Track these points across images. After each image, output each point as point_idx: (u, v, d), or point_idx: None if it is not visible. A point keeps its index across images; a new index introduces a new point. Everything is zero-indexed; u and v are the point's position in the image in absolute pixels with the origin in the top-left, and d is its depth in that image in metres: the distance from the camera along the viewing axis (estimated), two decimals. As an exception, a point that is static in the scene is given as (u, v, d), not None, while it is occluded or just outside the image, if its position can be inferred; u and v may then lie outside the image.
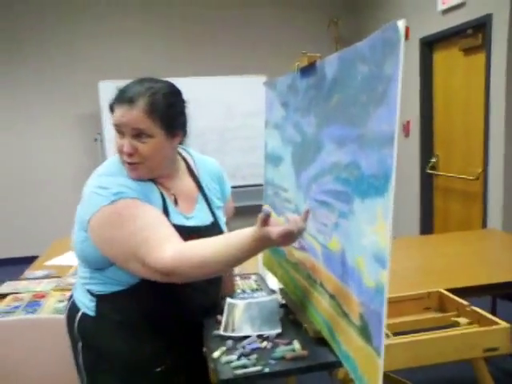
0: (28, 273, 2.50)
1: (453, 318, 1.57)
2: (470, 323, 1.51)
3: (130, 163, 1.26)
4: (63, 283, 2.31)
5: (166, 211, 1.30)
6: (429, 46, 4.42)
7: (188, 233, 1.25)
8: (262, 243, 1.08)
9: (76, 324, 1.38)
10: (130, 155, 1.24)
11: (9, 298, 2.16)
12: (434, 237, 3.85)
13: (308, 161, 1.36)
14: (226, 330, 1.38)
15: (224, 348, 1.28)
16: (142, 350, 1.34)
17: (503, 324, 1.43)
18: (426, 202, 4.63)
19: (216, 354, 1.25)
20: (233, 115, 5.36)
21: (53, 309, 2.01)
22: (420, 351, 1.36)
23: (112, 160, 1.35)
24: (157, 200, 1.30)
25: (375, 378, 0.88)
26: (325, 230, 1.21)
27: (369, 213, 0.94)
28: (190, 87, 1.39)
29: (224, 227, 1.46)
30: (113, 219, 1.19)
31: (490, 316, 1.49)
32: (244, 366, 1.18)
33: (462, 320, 1.53)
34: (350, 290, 1.04)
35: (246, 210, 4.10)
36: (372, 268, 0.92)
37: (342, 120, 1.12)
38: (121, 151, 1.26)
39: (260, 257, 2.28)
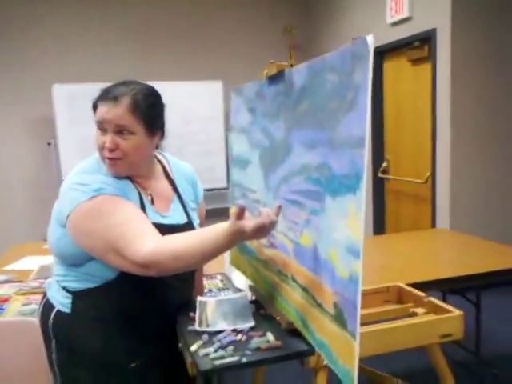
0: (-13, 278, 2.46)
1: (411, 309, 1.69)
2: (426, 313, 1.64)
3: (110, 159, 1.30)
4: (26, 287, 2.29)
5: (143, 209, 1.34)
6: (379, 56, 4.63)
7: (163, 231, 1.29)
8: (236, 237, 1.13)
9: (50, 322, 1.40)
10: (112, 151, 1.29)
11: (-30, 304, 2.12)
12: (387, 236, 4.04)
13: (277, 163, 1.44)
14: (200, 325, 1.43)
15: (201, 342, 1.33)
16: (116, 346, 1.38)
17: (456, 312, 1.56)
18: (378, 205, 4.83)
19: (193, 348, 1.30)
20: (190, 120, 5.38)
21: (17, 312, 1.99)
22: (383, 340, 1.47)
23: (91, 159, 1.39)
24: (134, 198, 1.34)
25: (351, 359, 0.97)
26: (295, 227, 1.30)
27: (340, 209, 1.03)
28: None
29: (197, 228, 1.52)
30: (93, 214, 1.24)
31: (444, 305, 1.62)
32: (222, 357, 1.24)
33: (419, 310, 1.66)
34: (322, 281, 1.12)
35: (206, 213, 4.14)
36: (345, 259, 1.00)
37: (311, 125, 1.21)
38: (102, 147, 1.30)
39: (226, 256, 2.35)
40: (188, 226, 1.43)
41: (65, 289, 1.38)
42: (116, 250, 1.21)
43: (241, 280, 2.20)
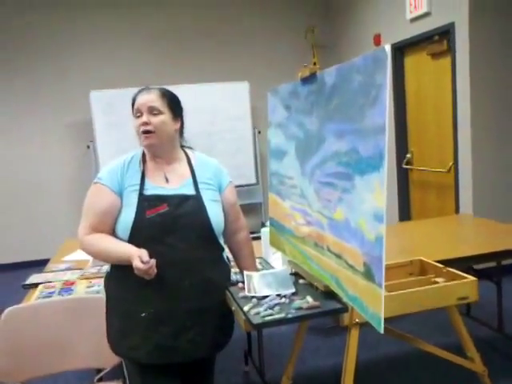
0: (51, 266, 2.75)
1: (432, 279, 1.90)
2: (446, 281, 1.85)
3: (144, 132, 1.67)
4: (87, 273, 2.57)
5: (142, 184, 1.70)
6: (400, 51, 4.81)
7: (162, 198, 1.67)
8: (125, 260, 1.57)
9: (105, 279, 1.79)
10: (146, 124, 1.67)
11: (40, 286, 2.42)
12: (412, 223, 4.21)
13: (311, 152, 1.67)
14: (249, 292, 1.68)
15: (251, 304, 1.58)
16: (130, 297, 1.66)
17: (471, 278, 1.77)
18: (403, 195, 5.01)
19: (246, 308, 1.55)
20: (218, 120, 5.64)
21: (84, 293, 2.27)
22: (406, 302, 1.69)
23: (125, 156, 1.77)
24: (136, 178, 1.70)
25: (378, 305, 1.19)
26: (329, 205, 1.53)
27: (368, 185, 1.26)
28: (177, 94, 1.80)
29: (206, 201, 1.73)
30: (88, 193, 1.74)
31: (461, 273, 1.83)
32: (271, 315, 1.49)
33: (440, 279, 1.87)
34: (354, 246, 1.35)
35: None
36: (372, 225, 1.23)
37: (341, 118, 1.44)
38: (139, 127, 1.68)
39: (263, 243, 2.60)
40: (196, 197, 1.72)
41: None
42: (81, 221, 1.72)
43: (278, 263, 2.44)
